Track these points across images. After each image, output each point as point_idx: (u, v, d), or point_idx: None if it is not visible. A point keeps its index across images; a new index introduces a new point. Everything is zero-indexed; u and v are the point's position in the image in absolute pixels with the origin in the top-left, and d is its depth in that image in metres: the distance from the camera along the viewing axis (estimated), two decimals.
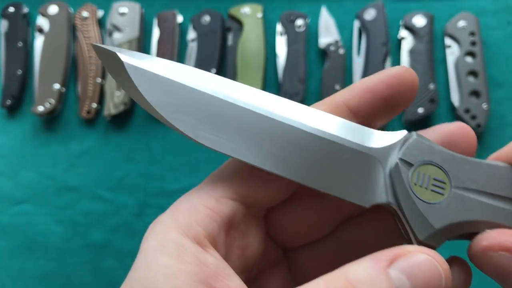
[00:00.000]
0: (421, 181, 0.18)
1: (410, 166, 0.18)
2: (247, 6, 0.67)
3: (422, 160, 0.18)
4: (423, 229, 0.18)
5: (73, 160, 0.64)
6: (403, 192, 0.18)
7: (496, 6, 0.67)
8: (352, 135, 0.19)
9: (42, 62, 0.67)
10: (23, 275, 0.59)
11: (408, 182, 0.18)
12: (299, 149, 0.19)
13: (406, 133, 0.19)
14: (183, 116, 0.19)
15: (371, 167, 0.19)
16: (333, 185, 0.19)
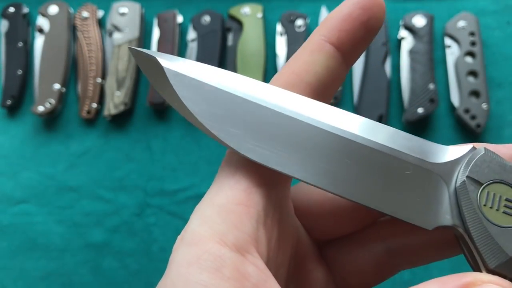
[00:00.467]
0: (491, 202, 0.16)
1: (479, 184, 0.17)
2: (247, 6, 0.67)
3: (492, 178, 0.17)
4: (494, 256, 0.16)
5: (73, 160, 0.64)
6: (471, 214, 0.16)
7: (496, 6, 0.67)
8: (411, 148, 0.17)
9: (42, 62, 0.67)
10: (24, 275, 0.59)
11: (476, 203, 0.16)
12: (357, 164, 0.17)
13: (471, 147, 0.18)
14: (227, 126, 0.18)
15: (433, 184, 0.17)
16: (391, 205, 0.17)
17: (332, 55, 0.19)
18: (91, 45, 0.67)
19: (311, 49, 0.19)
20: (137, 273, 0.58)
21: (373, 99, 0.62)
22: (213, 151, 0.63)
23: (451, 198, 0.17)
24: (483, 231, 0.16)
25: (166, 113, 0.65)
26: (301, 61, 0.19)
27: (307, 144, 0.17)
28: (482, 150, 0.17)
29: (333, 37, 0.19)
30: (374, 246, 0.22)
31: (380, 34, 0.64)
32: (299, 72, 0.19)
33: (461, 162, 0.17)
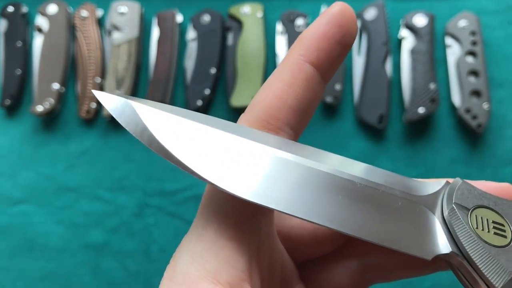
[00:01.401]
0: (481, 225, 0.17)
1: (467, 210, 0.17)
2: (247, 6, 0.67)
3: (476, 203, 0.17)
4: (499, 277, 0.16)
5: (72, 160, 0.63)
6: (467, 238, 0.16)
7: (497, 6, 0.66)
8: (394, 183, 0.18)
9: (42, 61, 0.66)
10: (23, 275, 0.59)
11: (470, 226, 0.17)
12: (348, 199, 0.17)
13: (446, 181, 0.18)
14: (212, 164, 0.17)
15: (423, 216, 0.17)
16: (387, 237, 0.17)
17: (312, 75, 0.19)
18: (90, 45, 0.67)
19: (291, 70, 0.19)
20: (137, 273, 0.58)
21: (374, 98, 0.61)
22: None
23: (443, 227, 0.17)
24: (483, 253, 0.16)
25: None
26: (282, 83, 0.19)
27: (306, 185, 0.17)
28: (460, 180, 0.18)
29: (312, 57, 0.19)
30: (349, 263, 0.22)
31: (381, 33, 0.64)
32: (281, 95, 0.19)
33: (442, 193, 0.18)
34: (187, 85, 0.65)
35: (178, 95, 0.66)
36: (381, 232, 0.17)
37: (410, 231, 0.17)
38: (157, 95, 0.63)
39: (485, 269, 0.16)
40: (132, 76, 0.65)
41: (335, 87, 0.62)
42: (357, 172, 0.18)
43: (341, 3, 0.19)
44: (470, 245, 0.16)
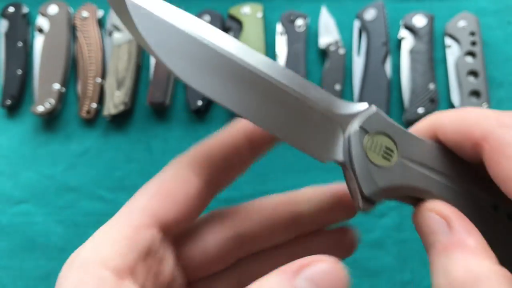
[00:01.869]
0: (374, 147, 0.21)
1: (366, 132, 0.21)
2: (247, 6, 0.67)
3: (378, 130, 0.21)
4: (368, 187, 0.21)
5: (73, 160, 0.64)
6: (358, 154, 0.21)
7: (496, 6, 0.67)
8: (321, 99, 0.21)
9: (42, 62, 0.67)
10: (23, 275, 0.59)
11: (362, 146, 0.21)
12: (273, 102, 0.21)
13: (367, 106, 0.22)
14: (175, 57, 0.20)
15: (333, 129, 0.21)
16: (296, 139, 0.21)
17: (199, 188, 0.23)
18: (91, 45, 0.67)
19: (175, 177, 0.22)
20: None
21: (373, 99, 0.62)
22: None
23: (345, 142, 0.21)
24: (364, 168, 0.21)
25: (166, 113, 0.65)
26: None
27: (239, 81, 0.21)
28: (373, 109, 0.22)
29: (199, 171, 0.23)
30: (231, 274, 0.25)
31: (380, 33, 0.64)
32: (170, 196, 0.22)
33: (357, 116, 0.22)
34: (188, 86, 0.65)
35: (179, 95, 0.66)
36: (290, 132, 0.21)
37: (315, 139, 0.21)
38: (158, 95, 0.63)
39: (361, 179, 0.21)
40: (132, 76, 0.65)
41: (335, 87, 0.63)
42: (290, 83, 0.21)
43: None
44: (357, 160, 0.21)
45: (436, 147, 0.22)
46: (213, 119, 0.65)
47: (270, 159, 0.62)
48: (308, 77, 0.65)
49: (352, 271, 0.29)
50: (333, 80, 0.63)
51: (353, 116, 0.22)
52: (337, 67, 0.64)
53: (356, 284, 0.56)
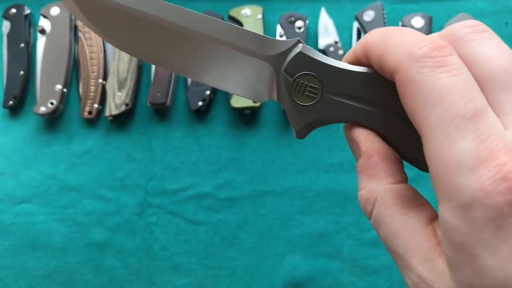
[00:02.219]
0: (299, 88, 0.22)
1: (292, 76, 0.22)
2: (247, 8, 0.67)
3: (302, 71, 0.22)
4: (296, 124, 0.23)
5: (74, 160, 0.64)
6: (284, 97, 0.23)
7: (493, 7, 0.67)
8: (251, 44, 0.23)
9: (44, 63, 0.67)
10: (25, 274, 0.60)
11: (288, 89, 0.22)
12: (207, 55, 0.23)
13: (295, 42, 0.23)
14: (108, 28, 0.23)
15: (265, 70, 0.23)
16: (234, 87, 0.23)
17: None
18: (93, 46, 0.68)
19: None
20: (138, 272, 0.59)
21: None
22: (213, 151, 0.63)
23: (278, 83, 0.23)
24: (291, 108, 0.22)
25: (167, 113, 0.66)
26: None
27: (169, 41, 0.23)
28: (299, 48, 0.22)
29: None
30: None
31: None
32: None
33: (287, 55, 0.22)
34: (188, 86, 0.65)
35: (179, 96, 0.67)
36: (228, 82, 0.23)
37: (252, 83, 0.23)
38: (159, 95, 0.64)
39: (289, 117, 0.23)
40: (133, 77, 0.66)
41: None
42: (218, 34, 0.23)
43: None
44: (286, 101, 0.23)
45: (364, 76, 0.22)
46: (213, 119, 0.65)
47: (270, 159, 0.62)
48: None
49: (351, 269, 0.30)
50: None
51: (282, 56, 0.23)
52: None
53: (355, 282, 0.56)
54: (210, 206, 0.61)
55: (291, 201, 0.60)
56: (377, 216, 0.19)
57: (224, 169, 0.62)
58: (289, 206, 0.60)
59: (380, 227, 0.19)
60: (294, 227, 0.59)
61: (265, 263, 0.58)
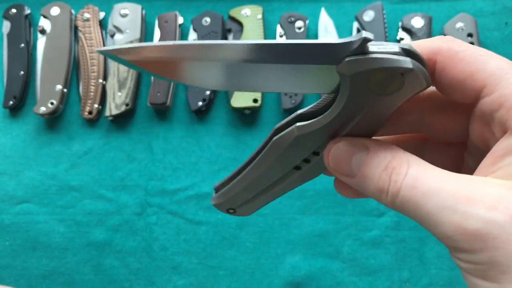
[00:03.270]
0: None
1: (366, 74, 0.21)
2: (247, 8, 0.68)
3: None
4: None
5: (75, 160, 0.64)
6: None
7: (493, 8, 0.67)
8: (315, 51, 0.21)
9: (44, 63, 0.67)
10: (26, 273, 0.60)
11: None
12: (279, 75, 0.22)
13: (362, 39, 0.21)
14: None
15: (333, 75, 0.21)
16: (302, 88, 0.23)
17: None
18: (93, 46, 0.68)
19: None
20: (138, 271, 0.59)
21: None
22: (213, 151, 0.63)
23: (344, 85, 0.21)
24: None
25: (167, 113, 0.66)
26: None
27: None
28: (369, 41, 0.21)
29: None
30: None
31: (379, 35, 0.65)
32: None
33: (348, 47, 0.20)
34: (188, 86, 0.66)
35: (180, 96, 0.67)
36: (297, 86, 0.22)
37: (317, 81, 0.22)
38: (159, 96, 0.64)
39: None
40: (134, 77, 0.66)
41: None
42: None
43: None
44: None
45: None
46: (213, 119, 0.65)
47: None
48: None
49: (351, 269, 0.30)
50: None
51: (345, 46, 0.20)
52: None
53: (355, 282, 0.56)
54: (210, 206, 0.61)
55: (291, 201, 0.60)
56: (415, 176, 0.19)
57: (224, 169, 0.62)
58: (289, 206, 0.60)
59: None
60: (294, 227, 0.59)
61: (265, 263, 0.58)
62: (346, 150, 0.21)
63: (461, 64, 0.19)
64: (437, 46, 0.20)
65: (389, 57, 0.19)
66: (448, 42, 0.20)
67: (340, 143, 0.22)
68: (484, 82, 0.19)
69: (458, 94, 0.20)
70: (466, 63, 0.19)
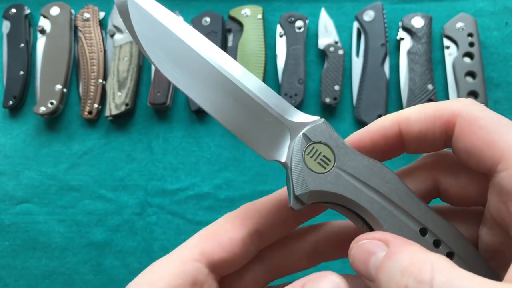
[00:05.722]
0: (312, 154, 0.23)
1: (310, 141, 0.23)
2: (247, 8, 0.67)
3: (320, 140, 0.23)
4: (300, 187, 0.23)
5: (74, 160, 0.64)
6: (297, 158, 0.23)
7: (493, 8, 0.67)
8: (278, 106, 0.24)
9: (44, 63, 0.67)
10: (25, 273, 0.60)
11: (303, 151, 0.23)
12: (233, 102, 0.24)
13: (318, 118, 0.24)
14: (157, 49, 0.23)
15: (283, 133, 0.24)
16: (248, 137, 0.24)
17: None
18: (93, 46, 0.68)
19: None
20: (138, 271, 0.58)
21: (372, 99, 0.62)
22: (213, 151, 0.63)
23: (290, 146, 0.24)
24: (299, 169, 0.23)
25: (167, 113, 0.66)
26: None
27: (208, 80, 0.24)
28: (321, 121, 0.24)
29: None
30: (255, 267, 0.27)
31: (379, 35, 0.65)
32: None
33: (307, 125, 0.24)
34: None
35: (180, 96, 0.67)
36: (245, 131, 0.24)
37: (265, 138, 0.24)
38: (159, 96, 0.64)
39: (295, 180, 0.23)
40: (133, 77, 0.66)
41: (334, 87, 0.63)
42: (252, 87, 0.24)
43: None
44: (295, 162, 0.23)
45: (373, 164, 0.23)
46: (213, 119, 0.65)
47: None
48: (307, 78, 0.65)
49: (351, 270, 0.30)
50: (332, 80, 0.64)
51: (304, 125, 0.24)
52: (336, 67, 0.64)
53: None
54: (210, 206, 0.61)
55: None
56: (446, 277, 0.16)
57: (224, 169, 0.62)
58: None
59: None
60: None
61: None
62: (364, 251, 0.20)
63: (480, 132, 0.19)
64: (457, 109, 0.20)
65: None
66: (469, 106, 0.20)
67: (361, 242, 0.21)
68: (502, 154, 0.18)
69: (474, 162, 0.20)
70: (485, 131, 0.19)
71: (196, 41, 0.24)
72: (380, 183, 0.23)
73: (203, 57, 0.24)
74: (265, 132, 0.24)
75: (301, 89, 0.63)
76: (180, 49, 0.24)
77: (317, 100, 0.65)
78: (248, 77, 0.24)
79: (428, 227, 0.22)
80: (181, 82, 0.23)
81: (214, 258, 0.24)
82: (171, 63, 0.23)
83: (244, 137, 0.24)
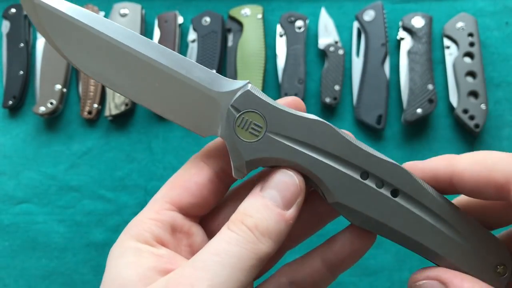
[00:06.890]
0: (243, 124, 0.23)
1: (238, 111, 0.23)
2: (247, 7, 0.67)
3: (248, 108, 0.23)
4: (237, 160, 0.23)
5: (74, 160, 0.64)
6: (229, 131, 0.23)
7: (494, 7, 0.67)
8: (202, 79, 0.24)
9: (44, 62, 0.67)
10: (25, 274, 0.60)
11: (233, 124, 0.23)
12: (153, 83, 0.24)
13: (246, 83, 0.24)
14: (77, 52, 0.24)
15: (213, 106, 0.24)
16: (180, 117, 0.24)
17: None
18: None
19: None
20: None
21: (373, 99, 0.62)
22: None
23: (222, 118, 0.24)
24: (233, 143, 0.23)
25: None
26: None
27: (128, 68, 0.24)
28: (248, 86, 0.24)
29: None
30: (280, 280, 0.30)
31: (379, 35, 0.64)
32: None
33: (235, 93, 0.24)
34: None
35: None
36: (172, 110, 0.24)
37: (197, 116, 0.24)
38: None
39: (231, 153, 0.23)
40: None
41: (334, 87, 0.63)
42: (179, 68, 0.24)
43: None
44: (229, 136, 0.23)
45: (308, 121, 0.23)
46: None
47: None
48: (307, 78, 0.65)
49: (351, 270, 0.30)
50: (332, 80, 0.64)
51: (232, 93, 0.24)
52: (336, 67, 0.64)
53: (356, 282, 0.56)
54: None
55: None
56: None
57: None
58: None
59: None
60: None
61: None
62: None
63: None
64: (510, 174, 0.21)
65: None
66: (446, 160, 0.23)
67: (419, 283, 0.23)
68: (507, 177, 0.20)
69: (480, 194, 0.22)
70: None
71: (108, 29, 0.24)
72: (315, 138, 0.23)
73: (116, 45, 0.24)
74: (195, 109, 0.24)
75: (301, 89, 0.63)
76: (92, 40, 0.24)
77: (317, 100, 0.65)
78: (165, 54, 0.24)
79: (368, 170, 0.23)
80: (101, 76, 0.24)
81: (183, 204, 0.25)
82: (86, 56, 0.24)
83: (176, 119, 0.24)
